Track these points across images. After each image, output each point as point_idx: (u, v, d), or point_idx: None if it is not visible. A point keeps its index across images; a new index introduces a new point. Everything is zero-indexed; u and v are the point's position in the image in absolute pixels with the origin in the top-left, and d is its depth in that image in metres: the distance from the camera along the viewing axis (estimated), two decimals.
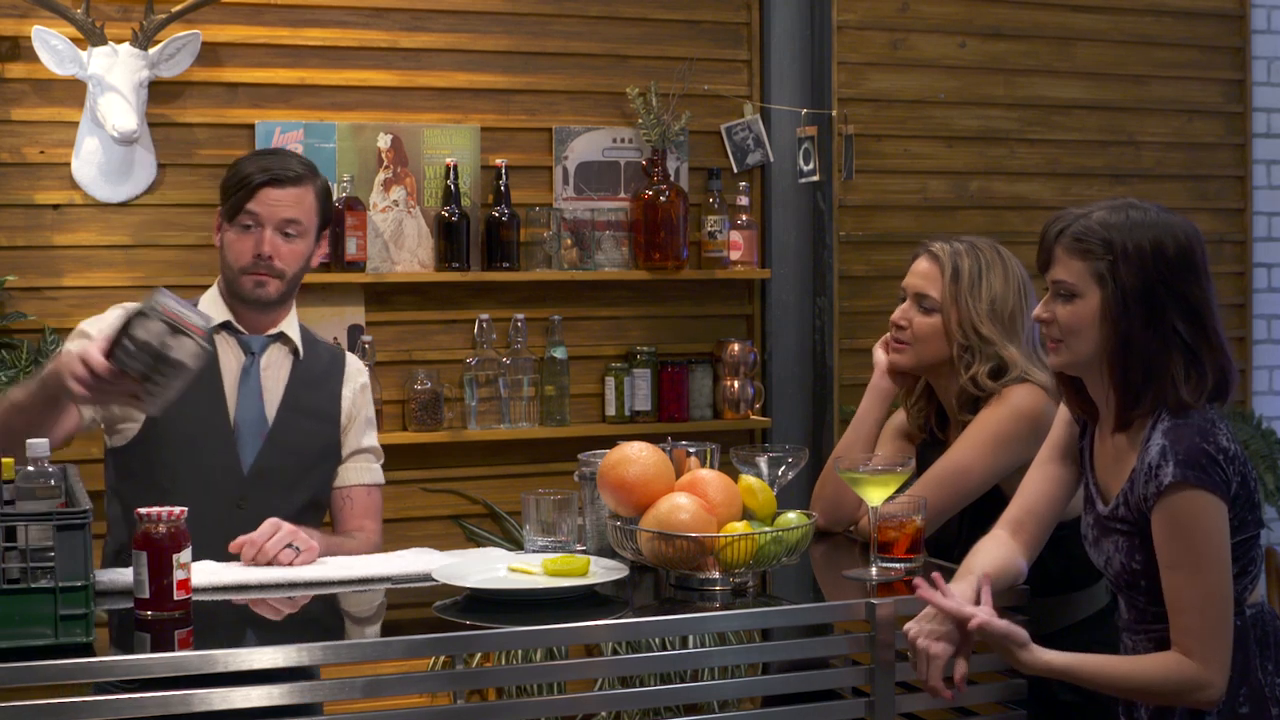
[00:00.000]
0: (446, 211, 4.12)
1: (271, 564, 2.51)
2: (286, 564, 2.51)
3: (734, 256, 4.39)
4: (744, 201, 4.41)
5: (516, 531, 4.06)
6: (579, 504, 2.64)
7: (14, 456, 2.17)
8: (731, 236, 4.39)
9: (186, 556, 2.19)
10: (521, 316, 4.21)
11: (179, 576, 2.17)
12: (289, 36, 4.08)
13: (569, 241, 4.29)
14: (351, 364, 2.92)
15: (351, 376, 2.89)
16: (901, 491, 2.52)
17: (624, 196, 4.36)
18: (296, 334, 2.84)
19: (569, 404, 4.26)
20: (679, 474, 2.52)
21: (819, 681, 2.37)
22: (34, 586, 2.01)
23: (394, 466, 2.98)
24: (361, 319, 4.13)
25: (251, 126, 4.03)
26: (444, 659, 3.14)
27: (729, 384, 4.40)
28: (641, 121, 4.29)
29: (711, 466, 2.61)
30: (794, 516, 2.47)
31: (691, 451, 2.63)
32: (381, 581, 2.50)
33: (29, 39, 3.77)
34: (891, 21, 4.62)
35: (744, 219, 4.41)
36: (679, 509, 2.38)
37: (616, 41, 4.37)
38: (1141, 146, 4.90)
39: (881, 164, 4.61)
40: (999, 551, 2.34)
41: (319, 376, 2.84)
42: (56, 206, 3.92)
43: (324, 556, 2.62)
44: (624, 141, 4.36)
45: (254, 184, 2.72)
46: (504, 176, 4.17)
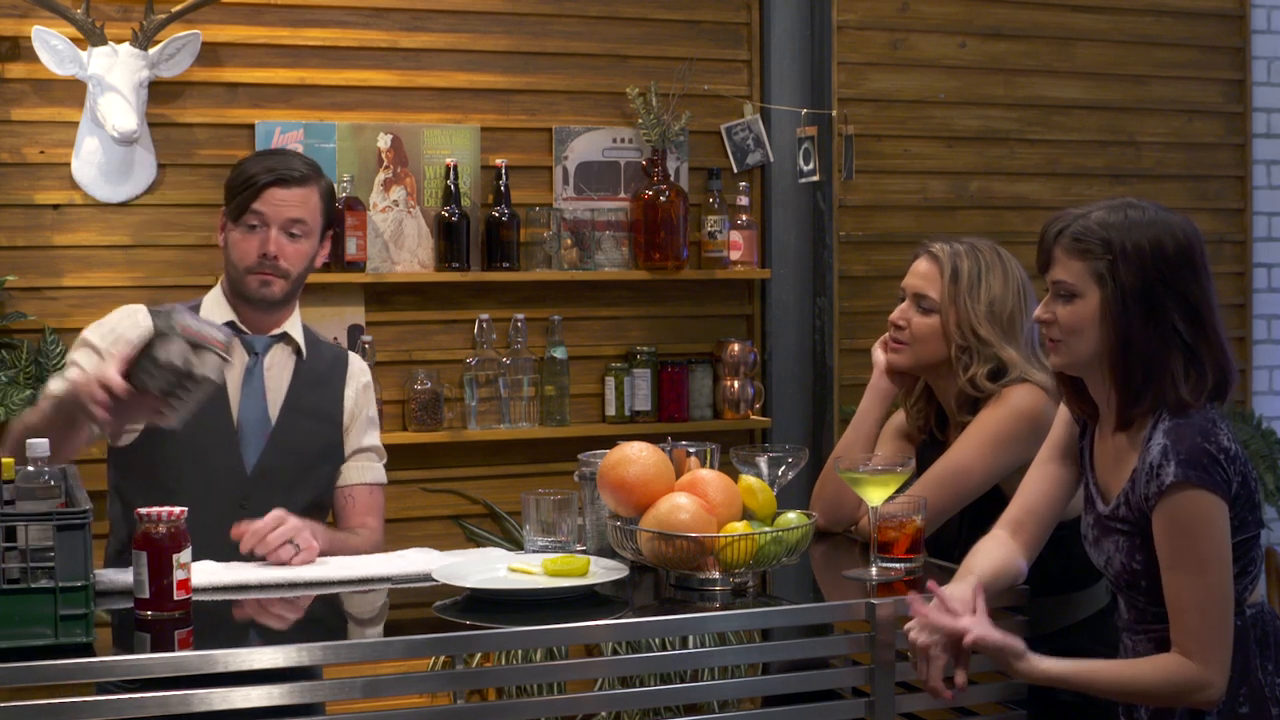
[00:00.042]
0: (446, 211, 4.12)
1: (270, 558, 2.52)
2: (285, 560, 2.51)
3: (734, 256, 4.39)
4: (744, 201, 4.41)
5: (516, 531, 4.06)
6: (579, 504, 2.64)
7: (14, 457, 2.18)
8: (731, 236, 4.39)
9: (186, 556, 2.19)
10: (521, 316, 4.21)
11: (179, 576, 2.18)
12: (289, 36, 4.08)
13: (569, 241, 4.28)
14: (354, 364, 2.92)
15: (354, 376, 2.90)
16: (901, 491, 2.52)
17: (624, 196, 4.36)
18: (300, 334, 2.84)
19: (569, 404, 4.26)
20: (679, 474, 2.52)
21: (819, 681, 2.37)
22: (34, 586, 2.01)
23: (394, 466, 2.98)
24: (361, 319, 4.13)
25: (251, 126, 4.03)
26: (444, 659, 3.14)
27: (729, 384, 4.39)
28: (641, 121, 4.28)
29: (711, 466, 2.61)
30: (794, 516, 2.47)
31: (691, 451, 2.63)
32: (381, 581, 2.50)
33: (29, 39, 3.77)
34: (891, 21, 4.62)
35: (744, 219, 4.41)
36: (679, 509, 2.38)
37: (616, 41, 4.37)
38: (1141, 146, 4.90)
39: (881, 164, 4.61)
40: (999, 552, 2.34)
41: (322, 376, 2.85)
42: (56, 206, 3.92)
43: (326, 553, 2.63)
44: (624, 141, 4.36)
45: (260, 184, 2.73)
46: (504, 176, 4.17)
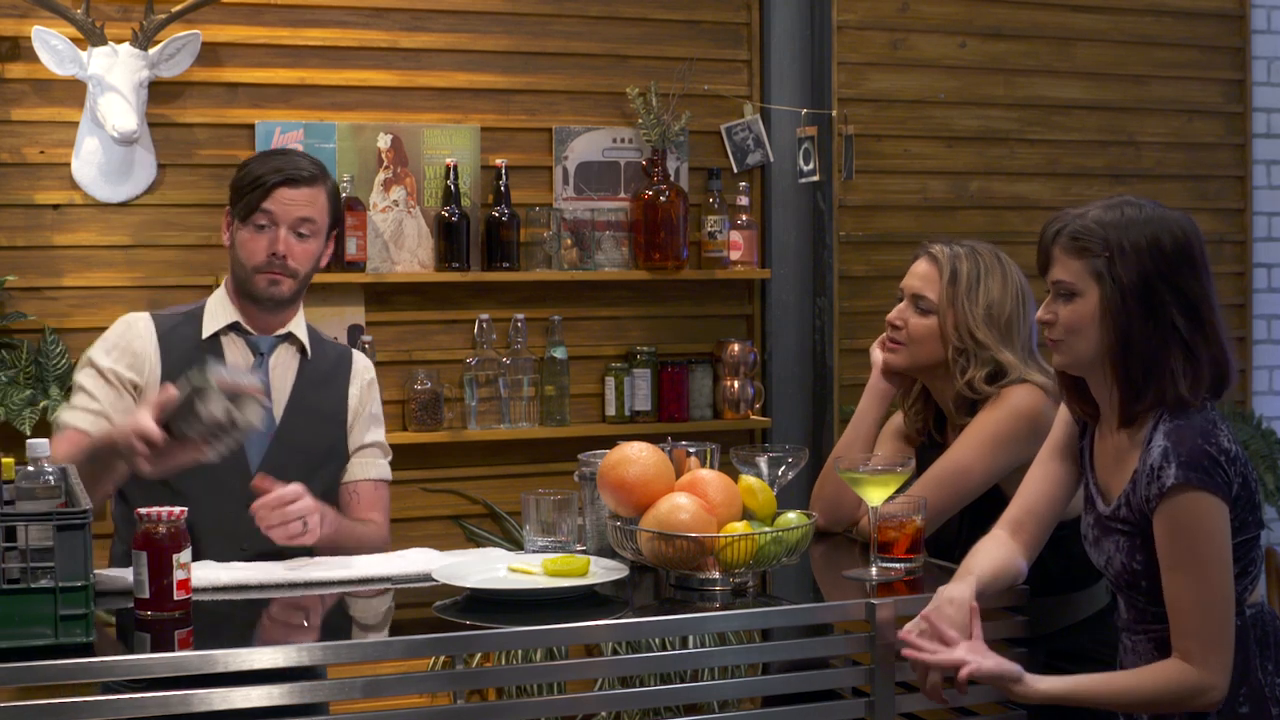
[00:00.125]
0: (446, 211, 4.12)
1: (277, 529, 2.53)
2: (291, 536, 2.53)
3: (734, 256, 4.39)
4: (744, 201, 4.41)
5: (516, 531, 4.06)
6: (579, 504, 2.64)
7: (14, 457, 2.18)
8: (731, 236, 4.39)
9: (186, 556, 2.20)
10: (521, 316, 4.21)
11: (179, 576, 2.18)
12: (289, 36, 4.08)
13: (569, 241, 4.28)
14: (358, 361, 2.93)
15: (358, 374, 2.91)
16: (901, 491, 2.52)
17: (624, 196, 4.36)
18: (304, 334, 2.84)
19: (569, 404, 4.26)
20: (679, 474, 2.52)
21: (819, 681, 2.37)
22: (34, 586, 2.01)
23: (394, 466, 2.98)
24: (361, 319, 4.13)
25: (251, 126, 4.03)
26: (444, 659, 3.14)
27: (729, 384, 4.39)
28: (641, 121, 4.28)
29: (711, 466, 2.61)
30: (794, 516, 2.47)
31: (691, 451, 2.63)
32: (381, 581, 2.50)
33: (29, 39, 3.77)
34: (891, 21, 4.62)
35: (744, 219, 4.41)
36: (679, 509, 2.38)
37: (616, 41, 4.37)
38: (1141, 146, 4.90)
39: (881, 164, 4.61)
40: (999, 552, 2.34)
41: (326, 376, 2.85)
42: (56, 206, 3.92)
43: (336, 540, 2.65)
44: (624, 141, 4.36)
45: (270, 184, 2.73)
46: (504, 176, 4.17)
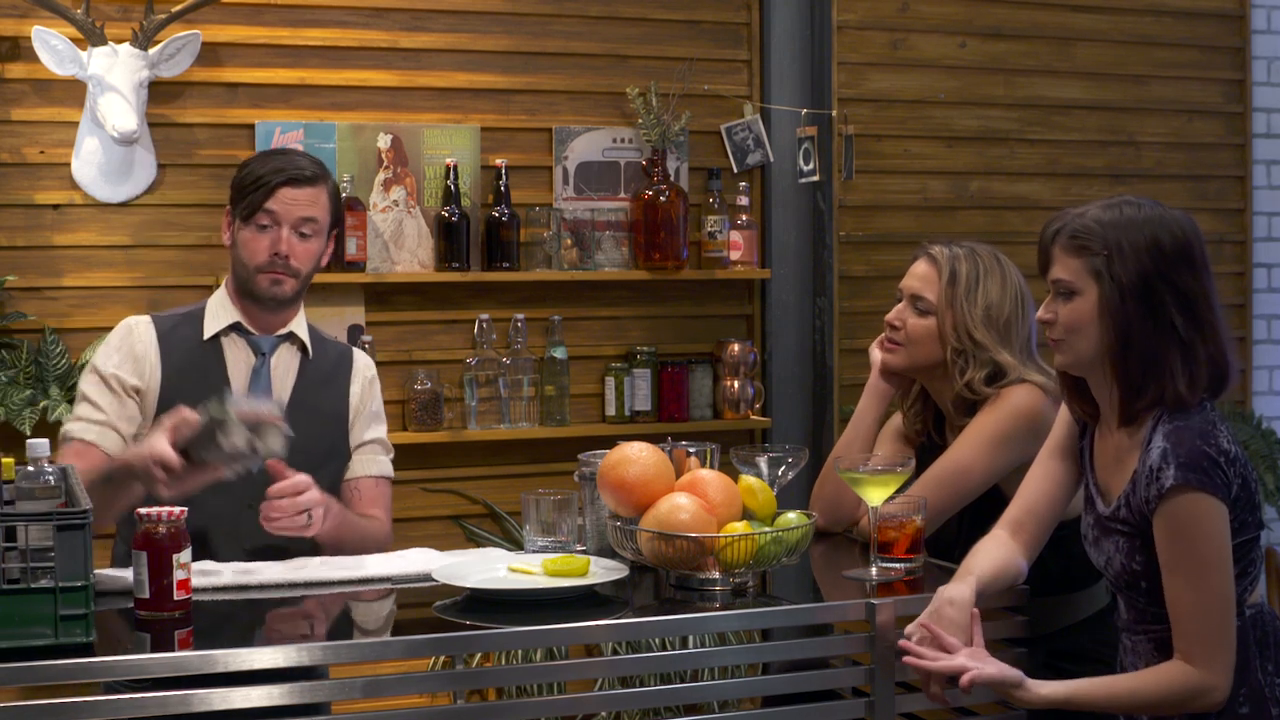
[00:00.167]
0: (446, 211, 4.12)
1: (282, 519, 2.53)
2: (296, 527, 2.54)
3: (734, 256, 4.39)
4: (744, 201, 4.41)
5: (516, 531, 4.06)
6: (579, 504, 2.64)
7: (14, 457, 2.18)
8: (731, 236, 4.39)
9: (186, 556, 2.20)
10: (521, 316, 4.21)
11: (179, 576, 2.18)
12: (289, 36, 4.08)
13: (569, 241, 4.28)
14: (359, 359, 2.93)
15: (359, 372, 2.91)
16: (901, 491, 2.52)
17: (624, 196, 4.36)
18: (305, 333, 2.84)
19: (569, 404, 4.26)
20: (679, 474, 2.52)
21: (819, 681, 2.37)
22: (34, 586, 2.01)
23: (394, 466, 2.98)
24: (361, 319, 4.13)
25: (251, 126, 4.03)
26: (444, 659, 3.14)
27: (729, 384, 4.39)
28: (641, 121, 4.28)
29: (711, 466, 2.61)
30: (794, 516, 2.47)
31: (691, 451, 2.63)
32: (381, 581, 2.50)
33: (29, 39, 3.77)
34: (891, 21, 4.62)
35: (744, 219, 4.41)
36: (679, 509, 2.38)
37: (616, 41, 4.37)
38: (1141, 146, 4.90)
39: (881, 164, 4.61)
40: (999, 552, 2.34)
41: (327, 375, 2.85)
42: (56, 206, 3.92)
43: (340, 534, 2.66)
44: (624, 141, 4.36)
45: (272, 184, 2.73)
46: (504, 176, 4.17)
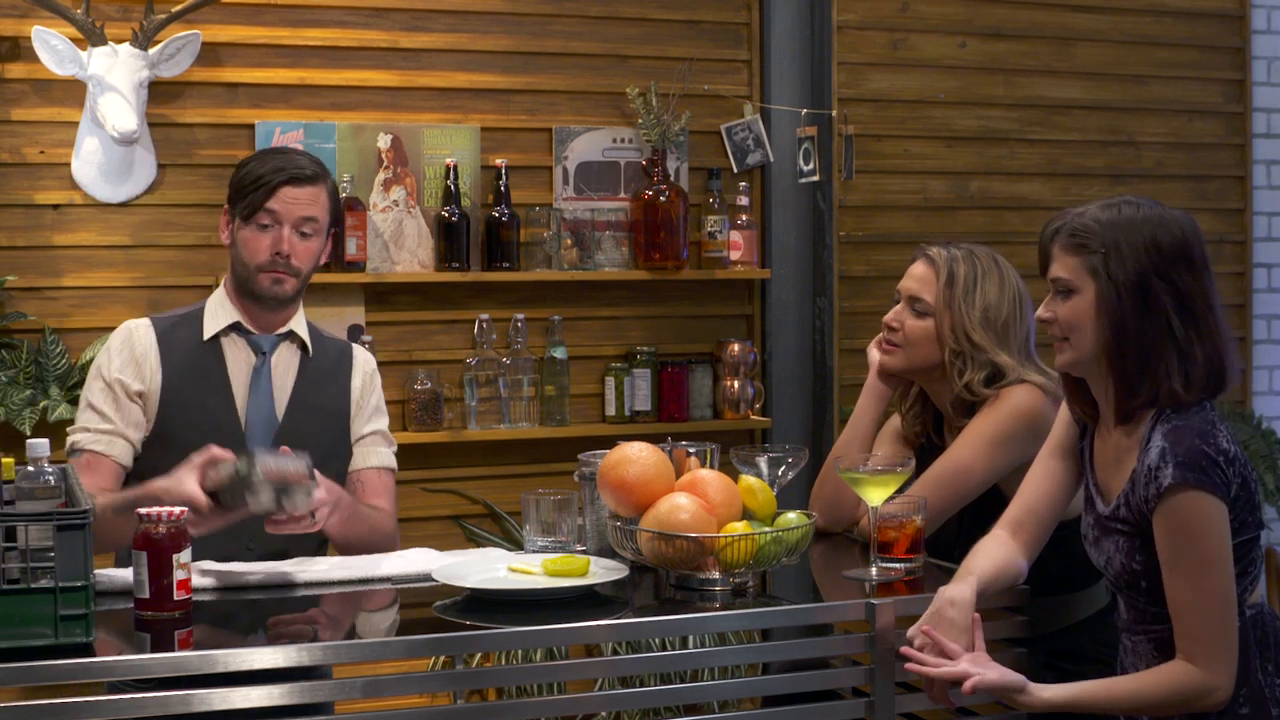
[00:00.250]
0: (446, 211, 4.12)
1: (293, 516, 2.51)
2: (300, 528, 2.52)
3: (734, 256, 4.39)
4: (744, 201, 4.41)
5: (516, 531, 4.06)
6: (579, 504, 2.64)
7: (14, 457, 2.18)
8: (731, 236, 4.39)
9: (186, 556, 2.19)
10: (521, 316, 4.21)
11: (179, 576, 2.18)
12: (289, 36, 4.08)
13: (569, 241, 4.28)
14: (359, 355, 2.93)
15: (359, 366, 2.91)
16: (901, 492, 2.52)
17: (624, 196, 4.36)
18: (305, 331, 2.84)
19: (569, 404, 4.26)
20: (679, 474, 2.52)
21: (819, 681, 2.37)
22: (34, 586, 2.01)
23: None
24: (361, 319, 4.13)
25: (251, 126, 4.03)
26: (444, 659, 3.14)
27: (729, 384, 4.39)
28: (641, 121, 4.28)
29: (711, 466, 2.61)
30: (794, 516, 2.46)
31: (691, 451, 2.63)
32: (381, 581, 2.50)
33: (29, 39, 3.77)
34: (891, 21, 4.62)
35: (744, 219, 4.41)
36: (679, 509, 2.38)
37: (616, 41, 4.37)
38: (1141, 146, 4.90)
39: (881, 164, 4.61)
40: (999, 552, 2.34)
41: (327, 372, 2.85)
42: (56, 206, 3.92)
43: (349, 526, 2.66)
44: (624, 141, 4.36)
45: (273, 183, 2.73)
46: (504, 176, 4.17)
